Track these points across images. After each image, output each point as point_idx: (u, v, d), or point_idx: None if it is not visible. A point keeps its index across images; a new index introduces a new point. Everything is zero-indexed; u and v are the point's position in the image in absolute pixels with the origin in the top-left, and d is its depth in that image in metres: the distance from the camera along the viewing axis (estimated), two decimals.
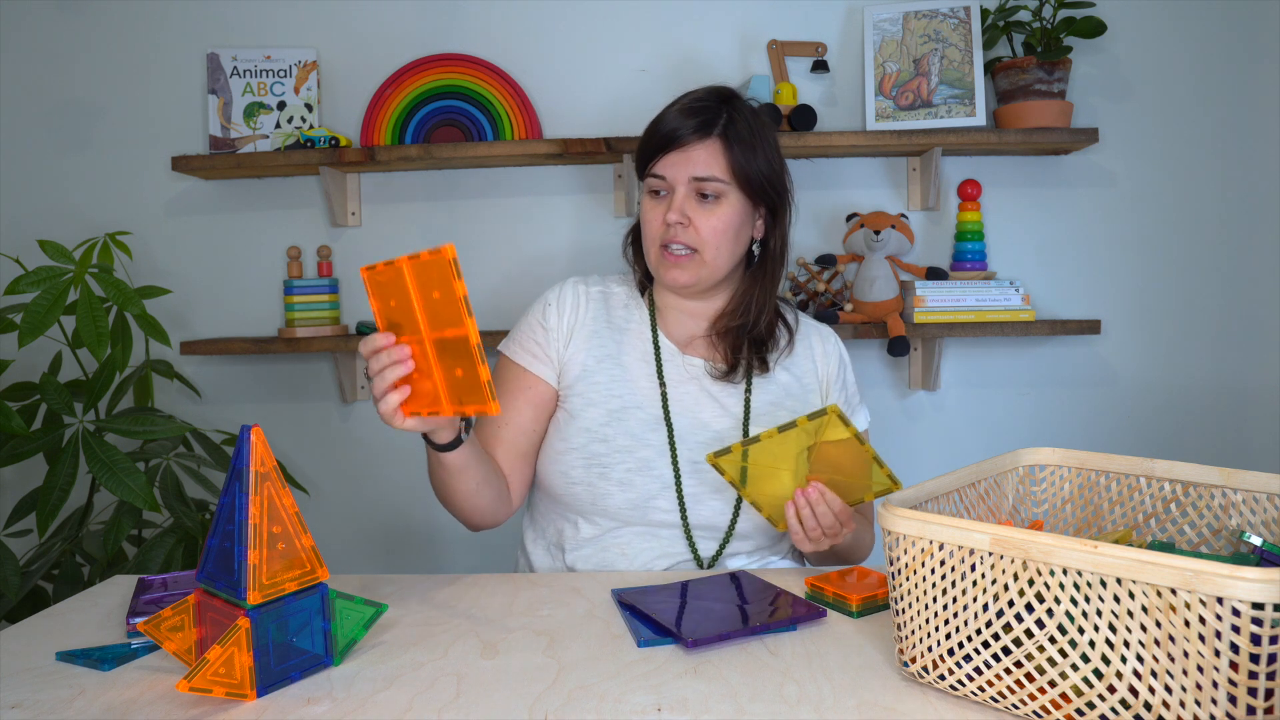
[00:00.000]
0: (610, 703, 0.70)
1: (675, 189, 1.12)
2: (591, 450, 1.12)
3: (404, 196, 1.96)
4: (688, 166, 1.11)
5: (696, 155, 1.11)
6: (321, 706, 0.71)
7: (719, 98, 1.15)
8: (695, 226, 1.12)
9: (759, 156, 1.13)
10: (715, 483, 1.12)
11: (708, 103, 1.14)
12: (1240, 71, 1.88)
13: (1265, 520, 0.79)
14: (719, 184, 1.11)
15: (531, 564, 1.21)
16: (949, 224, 1.93)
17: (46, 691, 0.74)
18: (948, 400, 1.97)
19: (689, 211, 1.12)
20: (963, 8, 1.82)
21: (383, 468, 2.00)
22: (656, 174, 1.14)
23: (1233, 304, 1.92)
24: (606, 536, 1.13)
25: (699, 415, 1.15)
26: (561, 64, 1.93)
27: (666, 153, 1.12)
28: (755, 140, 1.13)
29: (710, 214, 1.12)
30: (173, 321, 1.95)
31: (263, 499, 0.72)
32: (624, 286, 1.25)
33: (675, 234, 1.12)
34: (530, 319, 1.21)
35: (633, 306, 1.23)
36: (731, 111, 1.14)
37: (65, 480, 1.48)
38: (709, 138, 1.12)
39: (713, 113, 1.13)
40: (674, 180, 1.12)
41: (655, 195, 1.15)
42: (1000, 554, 0.64)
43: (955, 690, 0.70)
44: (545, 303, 1.21)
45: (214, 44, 1.90)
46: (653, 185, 1.15)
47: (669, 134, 1.12)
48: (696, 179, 1.11)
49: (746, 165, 1.12)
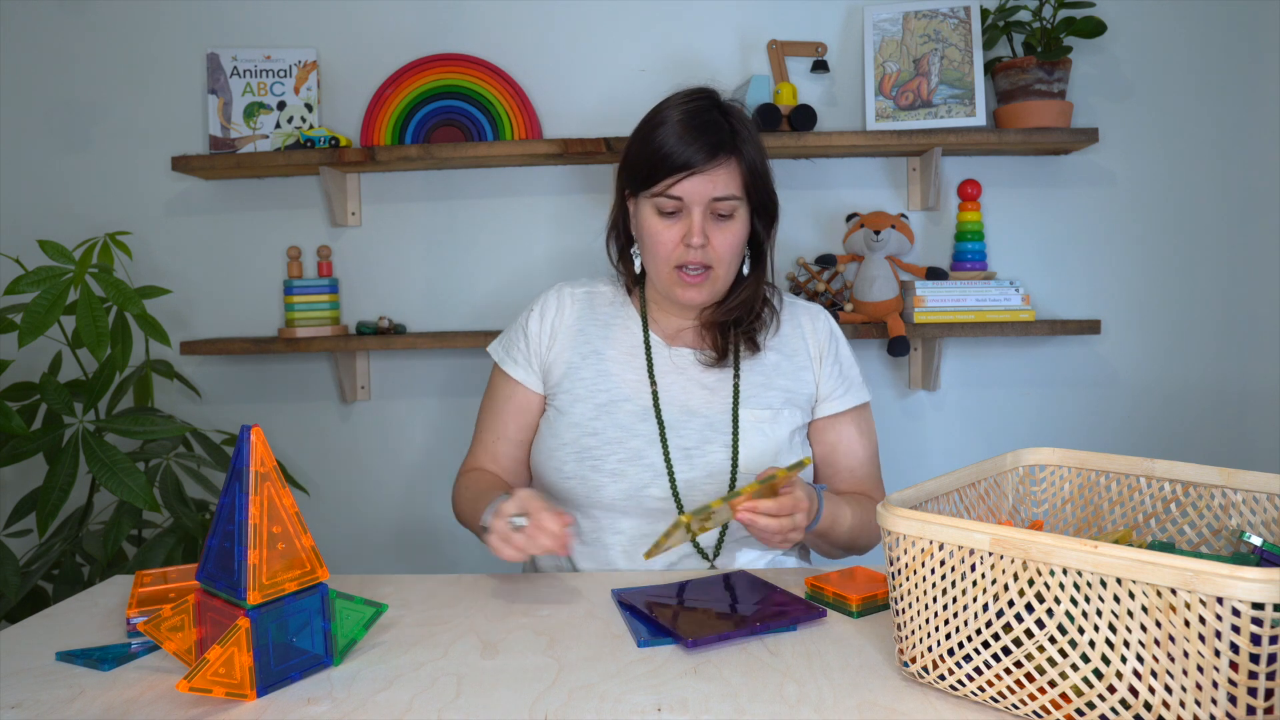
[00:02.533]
0: (610, 703, 0.70)
1: (692, 210, 1.11)
2: (583, 444, 1.14)
3: (404, 196, 1.96)
4: (709, 188, 1.10)
5: (717, 178, 1.10)
6: (321, 706, 0.71)
7: (711, 103, 1.14)
8: (712, 245, 1.12)
9: (760, 164, 1.14)
10: (708, 468, 1.13)
11: (710, 116, 1.12)
12: (1240, 71, 1.88)
13: (1265, 520, 0.79)
14: (734, 202, 1.12)
15: (535, 559, 1.22)
16: (949, 224, 1.93)
17: (46, 691, 0.74)
18: (948, 400, 1.97)
19: (706, 231, 1.11)
20: (963, 8, 1.82)
21: (383, 468, 2.00)
22: (672, 195, 1.11)
23: (1233, 304, 1.92)
24: (604, 529, 1.14)
25: (688, 403, 1.17)
26: (561, 64, 1.93)
27: (686, 175, 1.09)
28: (757, 149, 1.14)
29: (726, 231, 1.12)
30: (173, 321, 1.95)
31: (263, 499, 0.72)
32: (611, 286, 1.27)
33: (694, 255, 1.11)
34: (515, 326, 1.25)
35: (619, 304, 1.24)
36: (733, 121, 1.13)
37: (65, 480, 1.48)
38: (727, 158, 1.10)
39: (720, 128, 1.11)
40: (692, 202, 1.10)
41: (665, 214, 1.13)
42: (1000, 554, 0.64)
43: (955, 690, 0.70)
44: (529, 310, 1.24)
45: (214, 44, 1.90)
46: (664, 206, 1.12)
47: (684, 156, 1.09)
48: (716, 199, 1.10)
49: (755, 177, 1.13)
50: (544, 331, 1.22)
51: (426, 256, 1.97)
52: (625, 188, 1.19)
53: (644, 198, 1.14)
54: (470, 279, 1.97)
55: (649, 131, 1.13)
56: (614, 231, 1.24)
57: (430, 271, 1.97)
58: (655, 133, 1.12)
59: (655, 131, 1.12)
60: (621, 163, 1.19)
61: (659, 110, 1.14)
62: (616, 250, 1.25)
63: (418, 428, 2.00)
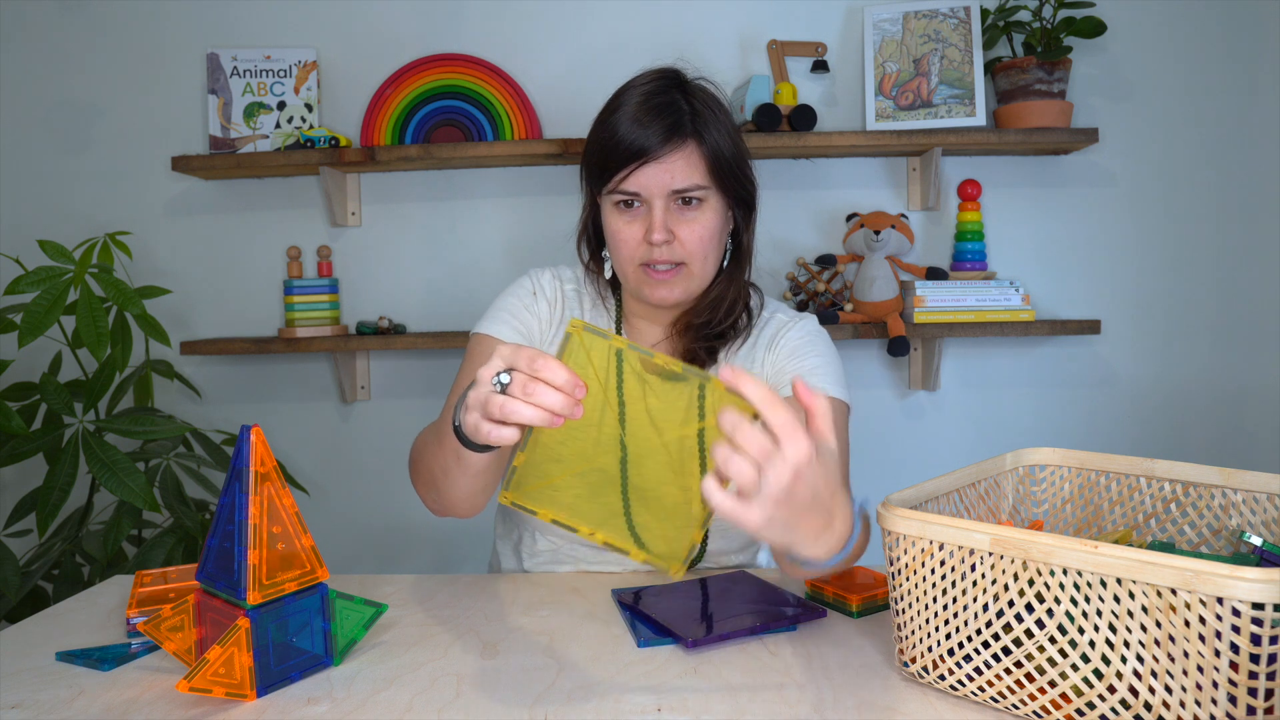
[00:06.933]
0: (610, 703, 0.70)
1: (652, 203, 1.00)
2: None
3: (404, 196, 1.96)
4: (667, 178, 0.99)
5: (674, 165, 0.99)
6: (321, 706, 0.71)
7: (670, 83, 1.02)
8: (680, 239, 1.01)
9: (727, 145, 1.02)
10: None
11: (668, 97, 1.00)
12: (1240, 71, 1.88)
13: (1265, 520, 0.79)
14: (700, 190, 1.00)
15: (500, 561, 1.20)
16: (949, 224, 1.93)
17: (46, 691, 0.74)
18: (948, 400, 1.97)
19: (671, 224, 1.00)
20: (963, 8, 1.82)
21: (383, 468, 2.00)
22: (627, 190, 1.00)
23: (1232, 303, 1.92)
24: (561, 550, 1.11)
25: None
26: (561, 64, 1.93)
27: (639, 165, 0.98)
28: (720, 128, 1.01)
29: (694, 222, 1.01)
30: (173, 321, 1.95)
31: (263, 499, 0.72)
32: (591, 287, 1.15)
33: (661, 253, 1.01)
34: (514, 300, 1.11)
35: (598, 312, 1.14)
36: (691, 100, 1.01)
37: (65, 480, 1.48)
38: (684, 142, 0.99)
39: (675, 109, 0.99)
40: (650, 195, 1.00)
41: (625, 207, 1.02)
42: (1000, 554, 0.64)
43: (955, 690, 0.70)
44: (529, 290, 1.12)
45: (214, 44, 1.90)
46: (622, 200, 1.01)
47: (637, 144, 0.98)
48: (676, 191, 0.99)
49: (721, 162, 1.01)
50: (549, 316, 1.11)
51: (426, 256, 1.97)
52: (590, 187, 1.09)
53: (604, 195, 1.04)
54: (470, 279, 1.96)
55: (603, 119, 1.02)
56: (585, 234, 1.13)
57: (430, 271, 1.97)
58: (608, 120, 1.01)
59: (609, 119, 1.01)
60: (582, 159, 1.08)
61: (617, 95, 1.03)
62: (588, 253, 1.14)
63: (418, 428, 1.98)
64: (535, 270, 1.16)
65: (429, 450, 0.93)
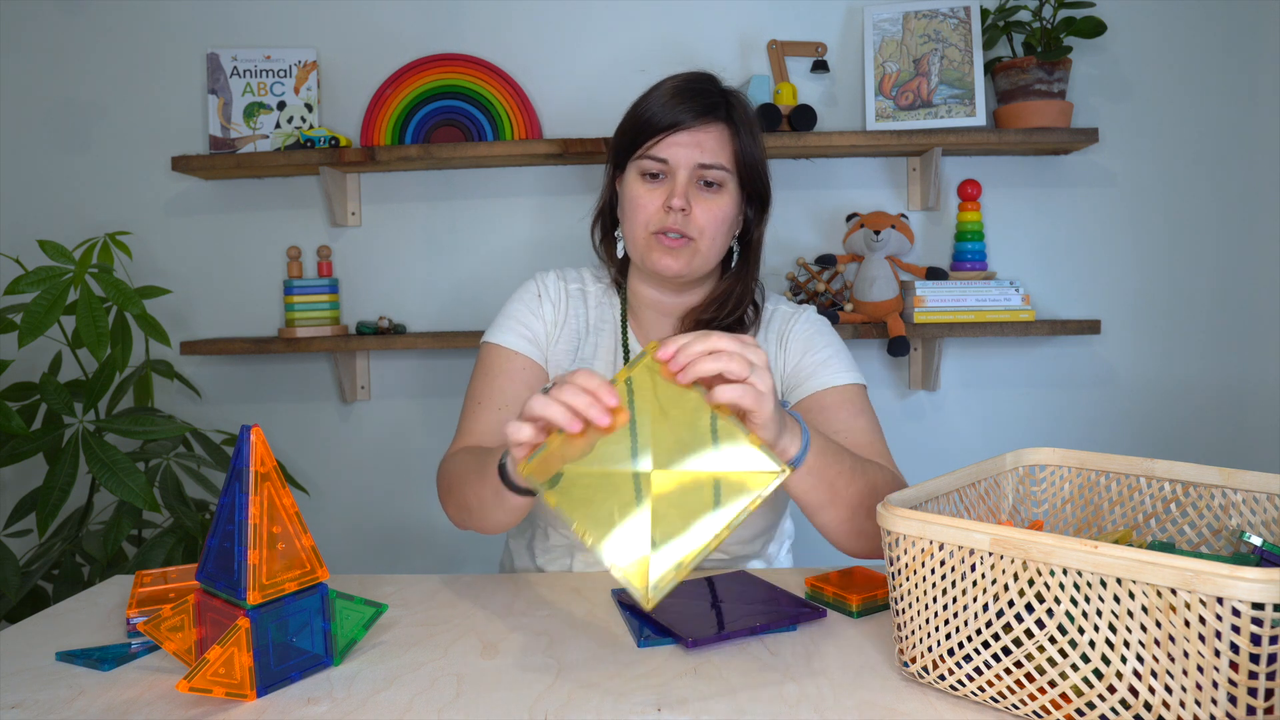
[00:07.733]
0: (610, 703, 0.70)
1: (677, 173, 1.05)
2: None
3: (404, 196, 1.96)
4: (696, 151, 1.05)
5: (705, 140, 1.05)
6: (321, 706, 0.71)
7: (708, 77, 1.10)
8: (694, 215, 1.06)
9: (757, 146, 1.09)
10: None
11: (705, 85, 1.08)
12: (1240, 71, 1.88)
13: (1265, 520, 0.79)
14: (723, 172, 1.06)
15: (513, 560, 1.21)
16: (949, 224, 1.93)
17: (46, 691, 0.74)
18: (948, 400, 1.97)
19: (690, 199, 1.05)
20: (963, 8, 1.82)
21: (383, 468, 2.00)
22: (656, 156, 1.06)
23: (1232, 303, 1.92)
24: (575, 543, 1.12)
25: None
26: (561, 64, 1.93)
27: (671, 134, 1.05)
28: (749, 126, 1.09)
29: (711, 203, 1.06)
30: (173, 321, 1.95)
31: (263, 499, 0.72)
32: (597, 285, 1.19)
33: (675, 221, 1.05)
34: (521, 306, 1.15)
35: (605, 306, 1.17)
36: (730, 96, 1.09)
37: (65, 480, 1.48)
38: (717, 121, 1.06)
39: (715, 96, 1.07)
40: (677, 164, 1.05)
41: (649, 178, 1.07)
42: (1000, 554, 0.64)
43: (955, 690, 0.70)
44: (535, 294, 1.16)
45: (214, 44, 1.90)
46: (649, 168, 1.07)
47: (672, 115, 1.04)
48: (703, 166, 1.05)
49: (746, 154, 1.07)
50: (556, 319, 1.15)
51: (426, 256, 1.97)
52: (614, 165, 1.14)
53: (630, 165, 1.09)
54: (470, 279, 1.97)
55: (640, 100, 1.10)
56: (600, 215, 1.18)
57: (430, 271, 1.97)
58: (646, 98, 1.09)
59: (646, 98, 1.09)
60: (613, 139, 1.14)
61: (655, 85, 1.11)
62: (600, 234, 1.19)
63: (418, 428, 2.00)
64: (540, 273, 1.20)
65: (468, 482, 0.96)
